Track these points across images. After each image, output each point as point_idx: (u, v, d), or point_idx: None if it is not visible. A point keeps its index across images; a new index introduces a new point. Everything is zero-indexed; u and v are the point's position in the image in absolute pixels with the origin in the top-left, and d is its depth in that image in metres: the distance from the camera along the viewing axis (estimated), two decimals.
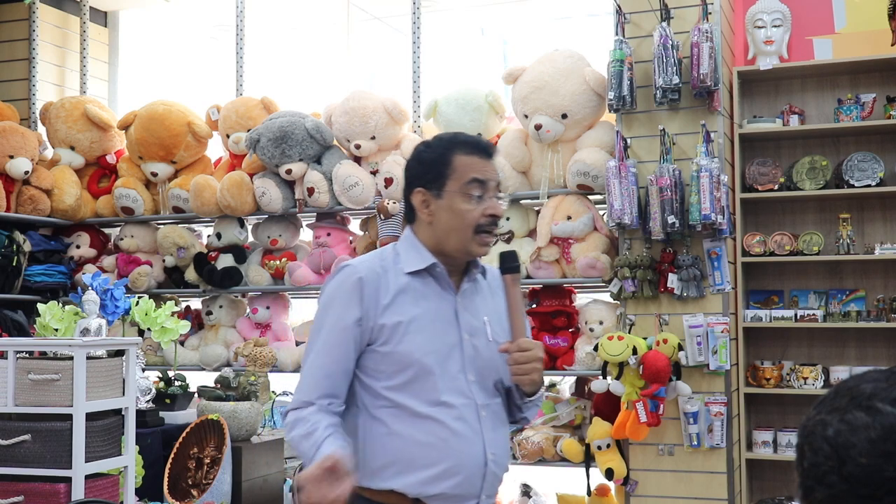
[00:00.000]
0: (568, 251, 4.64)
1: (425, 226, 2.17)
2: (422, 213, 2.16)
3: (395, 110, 4.99)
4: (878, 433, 1.02)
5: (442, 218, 2.14)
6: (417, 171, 2.18)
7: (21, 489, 3.45)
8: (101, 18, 6.38)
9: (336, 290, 2.13)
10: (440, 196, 2.13)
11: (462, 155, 2.14)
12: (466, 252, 2.15)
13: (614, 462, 4.38)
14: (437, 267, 2.15)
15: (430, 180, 2.15)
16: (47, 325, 4.29)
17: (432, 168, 2.15)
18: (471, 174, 2.12)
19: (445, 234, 2.14)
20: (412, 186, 2.18)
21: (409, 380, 2.09)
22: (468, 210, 2.12)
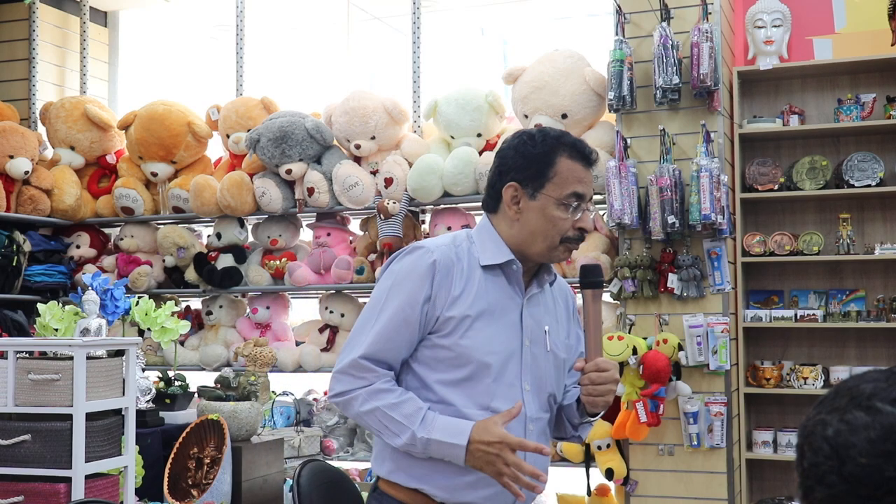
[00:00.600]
0: None
1: (508, 221, 2.06)
2: (509, 207, 2.05)
3: (395, 110, 4.99)
4: (878, 433, 1.02)
5: (531, 219, 2.04)
6: (517, 164, 2.05)
7: (21, 489, 3.45)
8: (101, 18, 6.38)
9: (408, 271, 2.01)
10: (535, 197, 2.03)
11: (567, 159, 2.05)
12: (548, 258, 2.08)
13: (614, 462, 4.38)
14: (514, 264, 2.06)
15: (529, 177, 2.04)
16: (47, 325, 4.29)
17: (534, 165, 2.04)
18: (573, 186, 2.03)
19: (531, 236, 2.04)
20: (506, 177, 2.06)
21: (464, 377, 2.00)
22: (562, 219, 2.03)
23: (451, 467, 2.00)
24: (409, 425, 1.96)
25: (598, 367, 2.03)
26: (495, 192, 2.09)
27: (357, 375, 2.00)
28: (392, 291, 2.02)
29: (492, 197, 2.11)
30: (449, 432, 1.94)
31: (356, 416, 2.02)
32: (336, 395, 2.04)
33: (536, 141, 2.06)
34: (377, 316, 2.02)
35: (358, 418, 2.03)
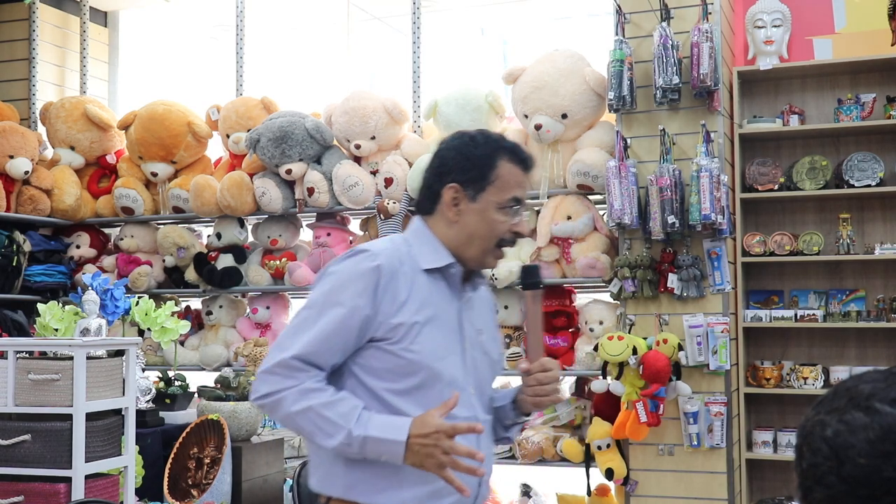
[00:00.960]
0: (568, 251, 4.64)
1: (446, 223, 2.03)
2: (449, 209, 2.02)
3: (395, 110, 4.99)
4: (876, 433, 1.02)
5: (470, 222, 2.02)
6: (458, 165, 2.02)
7: (21, 489, 3.45)
8: (101, 18, 6.38)
9: (350, 274, 1.94)
10: (476, 199, 2.01)
11: (508, 162, 2.03)
12: (481, 262, 2.06)
13: (614, 462, 4.38)
14: (453, 268, 2.03)
15: (471, 180, 2.01)
16: (47, 325, 4.29)
17: (476, 167, 2.02)
18: (513, 190, 2.02)
19: (469, 238, 2.02)
20: (446, 178, 2.03)
21: (415, 385, 1.95)
22: (501, 222, 2.02)
23: (408, 480, 1.93)
24: (344, 424, 1.86)
25: (544, 367, 2.05)
26: (433, 193, 2.05)
27: (286, 375, 1.90)
28: (332, 295, 1.94)
29: (428, 198, 2.06)
30: (386, 429, 1.86)
31: (285, 417, 1.91)
32: (262, 396, 1.92)
33: (478, 142, 2.04)
34: (315, 319, 1.93)
35: (287, 420, 1.92)
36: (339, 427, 1.87)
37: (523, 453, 4.62)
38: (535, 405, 2.09)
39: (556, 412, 4.78)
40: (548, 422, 4.74)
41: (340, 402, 1.89)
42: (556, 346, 4.67)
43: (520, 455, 4.63)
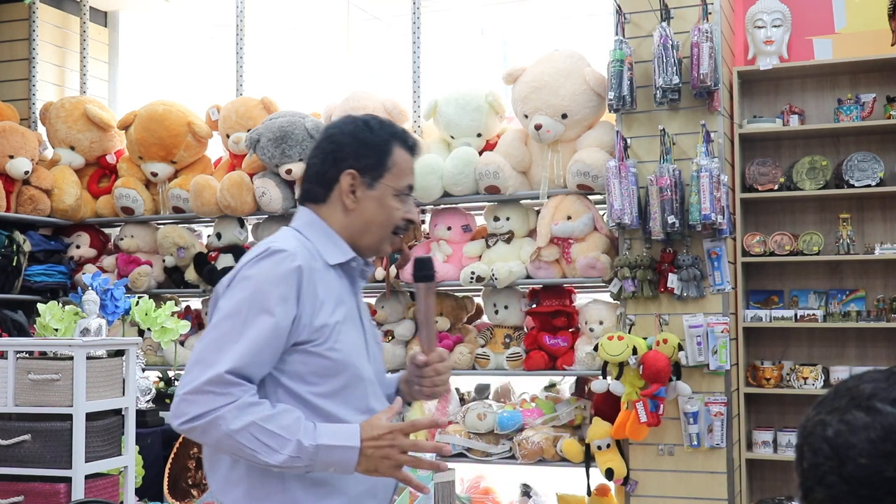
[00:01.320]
0: (568, 251, 4.64)
1: (342, 212, 1.96)
2: (346, 197, 1.95)
3: (395, 110, 4.99)
4: (878, 433, 1.02)
5: (368, 209, 1.96)
6: (355, 151, 1.96)
7: (21, 489, 3.45)
8: (101, 18, 6.38)
9: (271, 277, 1.83)
10: (373, 186, 1.96)
11: (401, 149, 1.99)
12: (377, 250, 2.02)
13: (614, 462, 4.38)
14: (355, 262, 1.98)
15: (368, 166, 1.96)
16: (47, 325, 4.29)
17: (373, 153, 1.97)
18: (408, 177, 2.00)
19: (366, 226, 1.97)
20: (342, 165, 1.95)
21: (341, 386, 1.89)
22: (397, 209, 1.98)
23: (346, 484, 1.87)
24: (290, 437, 1.75)
25: (442, 358, 2.05)
26: (327, 179, 1.97)
27: (219, 392, 1.75)
28: (255, 301, 1.81)
29: (321, 185, 1.98)
30: (337, 436, 1.78)
31: (222, 438, 1.76)
32: (192, 418, 1.76)
33: (373, 128, 1.99)
34: (241, 329, 1.79)
35: (223, 441, 1.76)
36: (286, 440, 1.76)
37: (523, 453, 4.62)
38: (430, 395, 2.08)
39: (556, 412, 4.78)
40: (548, 422, 4.74)
41: (281, 414, 1.78)
42: (556, 345, 4.66)
43: (520, 455, 4.63)
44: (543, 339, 4.68)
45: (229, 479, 1.87)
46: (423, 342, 2.08)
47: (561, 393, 5.03)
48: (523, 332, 4.87)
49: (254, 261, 1.86)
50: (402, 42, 5.33)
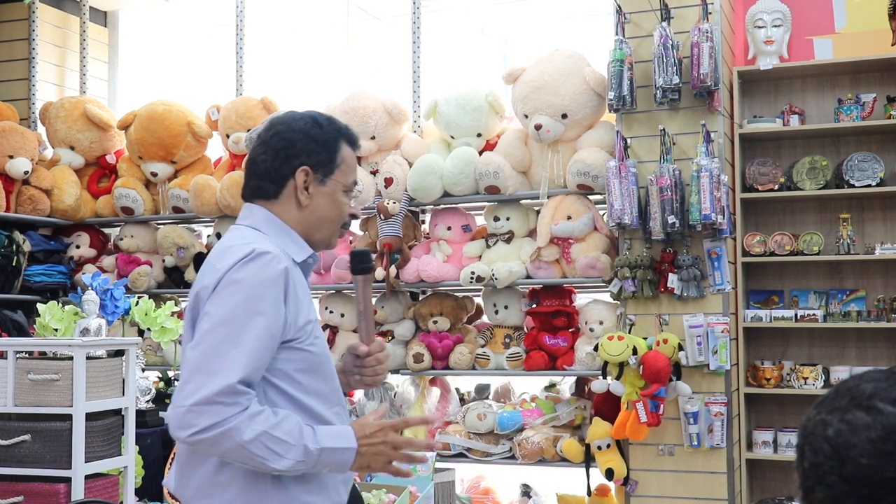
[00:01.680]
0: (568, 251, 4.64)
1: (295, 208, 1.99)
2: (300, 193, 1.98)
3: (395, 110, 4.98)
4: (878, 433, 1.02)
5: (321, 204, 2.01)
6: (307, 148, 1.99)
7: (21, 489, 3.45)
8: (101, 18, 6.38)
9: (261, 280, 1.85)
10: (324, 183, 2.00)
11: (347, 146, 2.05)
12: (328, 244, 2.07)
13: (614, 462, 4.38)
14: (314, 257, 2.04)
15: (320, 163, 2.00)
16: (47, 325, 4.29)
17: (324, 150, 2.00)
18: (354, 174, 2.06)
19: (319, 221, 2.01)
20: (296, 161, 1.98)
21: (321, 381, 1.96)
22: (346, 205, 2.05)
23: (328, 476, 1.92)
24: (295, 442, 1.80)
25: (382, 347, 2.14)
26: (279, 176, 1.99)
27: (229, 403, 1.76)
28: (249, 305, 1.82)
29: (273, 181, 1.99)
30: (336, 439, 1.85)
31: (234, 448, 1.77)
32: (202, 429, 1.75)
33: (322, 125, 2.02)
34: (238, 334, 1.80)
35: (234, 450, 1.78)
36: (291, 446, 1.80)
37: (523, 453, 4.62)
38: (370, 384, 2.17)
39: (556, 412, 4.78)
40: (548, 422, 4.74)
41: (285, 420, 1.82)
42: (556, 345, 4.66)
43: (520, 455, 4.63)
44: (543, 339, 4.68)
45: (217, 482, 1.87)
46: (362, 333, 2.14)
47: (561, 393, 5.03)
48: (523, 332, 4.87)
49: (240, 264, 1.86)
50: (402, 42, 5.33)
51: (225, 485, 1.87)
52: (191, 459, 1.92)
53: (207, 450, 1.82)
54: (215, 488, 1.88)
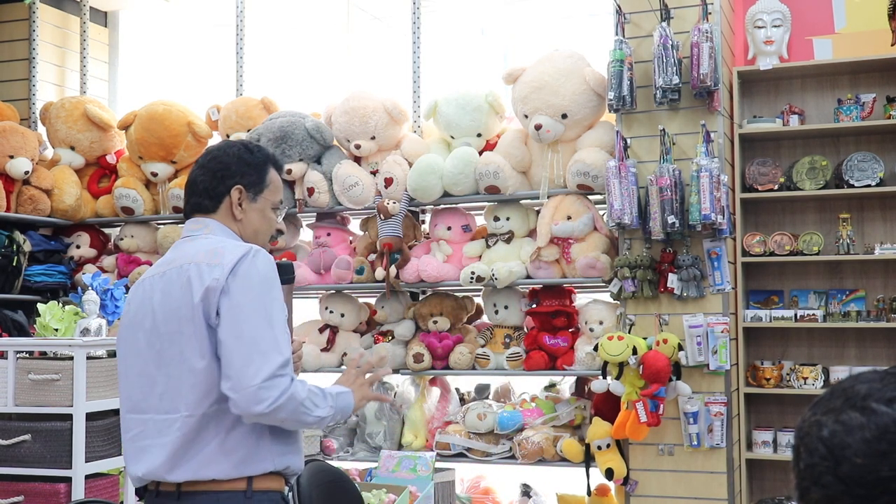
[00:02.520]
0: (568, 251, 4.64)
1: (231, 219, 2.34)
2: (235, 208, 2.33)
3: (395, 110, 4.99)
4: (872, 433, 1.02)
5: (254, 218, 2.36)
6: (239, 170, 2.34)
7: (21, 489, 3.45)
8: (101, 18, 6.38)
9: (271, 271, 2.22)
10: (255, 200, 2.35)
11: (274, 170, 2.40)
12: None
13: (614, 462, 4.38)
14: None
15: (251, 183, 2.35)
16: (47, 325, 4.28)
17: (255, 172, 2.35)
18: (280, 194, 2.42)
19: (254, 233, 2.37)
20: (230, 181, 2.33)
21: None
22: (273, 220, 2.41)
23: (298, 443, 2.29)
24: (323, 394, 2.21)
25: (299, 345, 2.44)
26: (217, 194, 2.33)
27: (285, 374, 2.12)
28: (272, 293, 2.19)
29: (211, 198, 2.34)
30: (336, 389, 2.29)
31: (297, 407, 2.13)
32: (276, 399, 2.09)
33: (254, 153, 2.38)
34: (271, 317, 2.16)
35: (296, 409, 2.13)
36: (324, 397, 2.20)
37: (523, 453, 4.62)
38: None
39: (556, 412, 4.78)
40: (548, 422, 4.74)
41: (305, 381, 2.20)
42: (556, 345, 4.66)
43: (520, 455, 4.63)
44: (543, 339, 4.68)
45: (224, 450, 2.15)
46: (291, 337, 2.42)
47: (561, 393, 5.03)
48: (523, 332, 4.88)
49: (248, 260, 2.18)
50: (402, 42, 5.33)
51: (231, 451, 2.16)
52: (190, 445, 2.15)
53: (277, 415, 2.10)
54: (221, 455, 2.15)
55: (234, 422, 2.14)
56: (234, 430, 2.15)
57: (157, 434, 2.17)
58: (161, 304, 2.20)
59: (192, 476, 2.14)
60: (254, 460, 2.17)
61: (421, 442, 4.82)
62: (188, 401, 2.14)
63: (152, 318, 2.21)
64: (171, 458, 2.15)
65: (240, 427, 2.15)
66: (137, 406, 2.22)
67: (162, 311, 2.19)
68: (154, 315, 2.21)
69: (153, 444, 2.18)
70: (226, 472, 2.15)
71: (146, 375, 2.21)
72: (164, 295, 2.20)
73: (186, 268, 2.18)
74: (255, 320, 2.12)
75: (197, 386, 2.14)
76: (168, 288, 2.20)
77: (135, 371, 2.24)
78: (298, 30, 6.57)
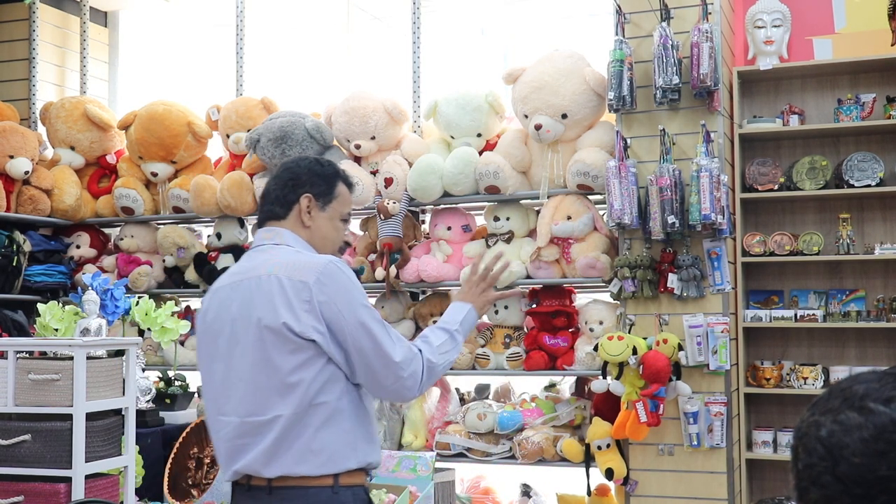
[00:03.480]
0: (568, 251, 4.64)
1: (302, 228, 2.48)
2: (304, 215, 2.47)
3: (395, 110, 4.99)
4: (870, 433, 1.02)
5: (322, 226, 2.50)
6: (310, 180, 2.49)
7: (21, 489, 3.45)
8: (101, 18, 6.38)
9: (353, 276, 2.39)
10: (324, 209, 2.50)
11: (343, 185, 2.55)
12: None
13: (614, 462, 4.38)
14: None
15: (321, 192, 2.49)
16: (47, 325, 4.29)
17: (324, 183, 2.50)
18: (348, 207, 2.57)
19: (323, 240, 2.50)
20: (301, 189, 2.48)
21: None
22: (341, 229, 2.57)
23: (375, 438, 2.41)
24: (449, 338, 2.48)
25: None
26: (287, 201, 2.48)
27: (417, 350, 2.39)
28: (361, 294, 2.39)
29: (282, 205, 2.49)
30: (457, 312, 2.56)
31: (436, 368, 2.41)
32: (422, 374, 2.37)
33: (323, 165, 2.54)
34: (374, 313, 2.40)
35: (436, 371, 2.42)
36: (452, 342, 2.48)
37: (523, 453, 4.62)
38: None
39: (556, 412, 4.78)
40: (548, 422, 4.74)
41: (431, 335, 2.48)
42: (556, 345, 4.66)
43: (520, 455, 4.63)
44: (543, 339, 4.68)
45: (310, 450, 2.29)
46: None
47: (561, 393, 5.03)
48: (523, 332, 4.88)
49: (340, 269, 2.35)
50: (402, 42, 5.33)
51: (319, 450, 2.29)
52: (282, 444, 2.28)
53: (430, 385, 2.49)
54: (310, 454, 2.28)
55: (323, 422, 2.27)
56: (322, 430, 2.28)
57: (251, 434, 2.30)
58: (241, 313, 2.33)
59: (284, 472, 2.28)
60: (340, 458, 2.30)
61: (421, 442, 4.82)
62: (278, 403, 2.27)
63: (231, 326, 2.34)
64: (265, 455, 2.29)
65: (327, 427, 2.28)
66: (223, 409, 2.35)
67: (242, 321, 2.32)
68: (233, 324, 2.34)
69: (248, 444, 2.31)
70: (315, 470, 2.28)
71: (231, 381, 2.34)
72: (242, 305, 2.33)
73: (266, 279, 2.31)
74: (370, 320, 2.33)
75: (286, 390, 2.26)
76: (247, 297, 2.33)
77: (218, 377, 2.37)
78: (298, 30, 6.57)
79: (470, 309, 2.56)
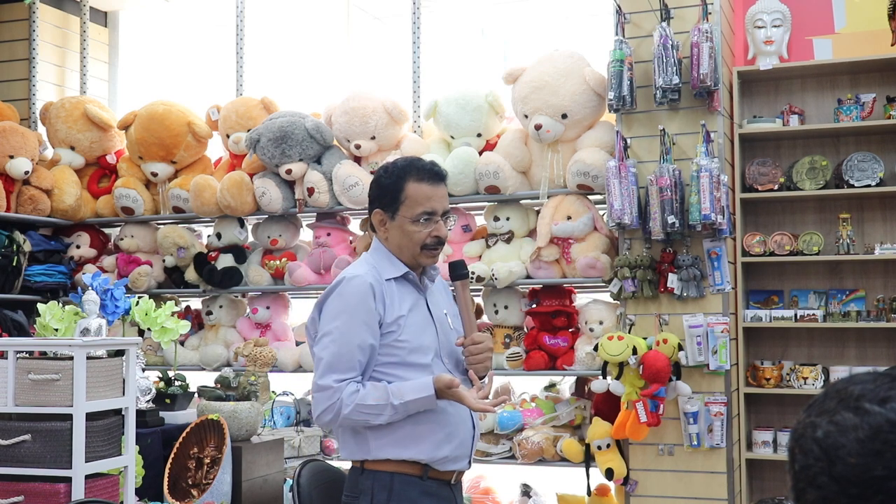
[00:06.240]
0: (568, 251, 4.64)
1: (383, 238, 2.60)
2: (380, 229, 2.59)
3: (395, 110, 4.99)
4: (866, 433, 1.02)
5: (395, 236, 2.57)
6: (376, 194, 2.58)
7: (21, 489, 3.45)
8: (101, 18, 6.38)
9: (356, 294, 2.47)
10: (394, 218, 2.55)
11: (415, 183, 2.54)
12: (416, 263, 2.59)
13: (614, 462, 4.38)
14: (410, 275, 2.58)
15: (387, 204, 2.55)
16: (47, 325, 4.29)
17: (388, 193, 2.55)
18: (422, 206, 2.54)
19: (398, 248, 2.57)
20: (372, 206, 2.59)
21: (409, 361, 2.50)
22: (416, 232, 2.55)
23: (421, 436, 2.47)
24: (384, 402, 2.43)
25: (474, 341, 2.58)
26: (371, 219, 2.62)
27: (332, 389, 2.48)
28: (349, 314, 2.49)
29: (370, 220, 2.65)
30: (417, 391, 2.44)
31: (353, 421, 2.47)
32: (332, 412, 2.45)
33: (389, 172, 2.58)
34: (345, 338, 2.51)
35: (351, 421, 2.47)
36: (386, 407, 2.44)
37: (523, 453, 4.62)
38: (474, 371, 2.59)
39: (556, 412, 4.78)
40: (548, 422, 4.74)
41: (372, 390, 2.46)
42: (556, 345, 4.66)
43: (520, 455, 4.63)
44: (543, 339, 4.68)
45: (345, 443, 2.54)
46: (464, 329, 2.63)
47: (561, 393, 5.03)
48: (523, 332, 4.87)
49: (336, 288, 2.52)
50: (402, 42, 5.34)
51: (342, 442, 2.57)
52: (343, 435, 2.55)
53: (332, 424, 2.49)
54: (349, 444, 2.54)
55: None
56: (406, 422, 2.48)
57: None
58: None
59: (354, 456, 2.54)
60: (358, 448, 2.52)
61: None
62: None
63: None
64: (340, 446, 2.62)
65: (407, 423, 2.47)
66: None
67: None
68: None
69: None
70: (346, 456, 2.56)
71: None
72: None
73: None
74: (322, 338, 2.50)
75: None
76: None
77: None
78: (298, 30, 6.57)
79: (430, 397, 2.45)
